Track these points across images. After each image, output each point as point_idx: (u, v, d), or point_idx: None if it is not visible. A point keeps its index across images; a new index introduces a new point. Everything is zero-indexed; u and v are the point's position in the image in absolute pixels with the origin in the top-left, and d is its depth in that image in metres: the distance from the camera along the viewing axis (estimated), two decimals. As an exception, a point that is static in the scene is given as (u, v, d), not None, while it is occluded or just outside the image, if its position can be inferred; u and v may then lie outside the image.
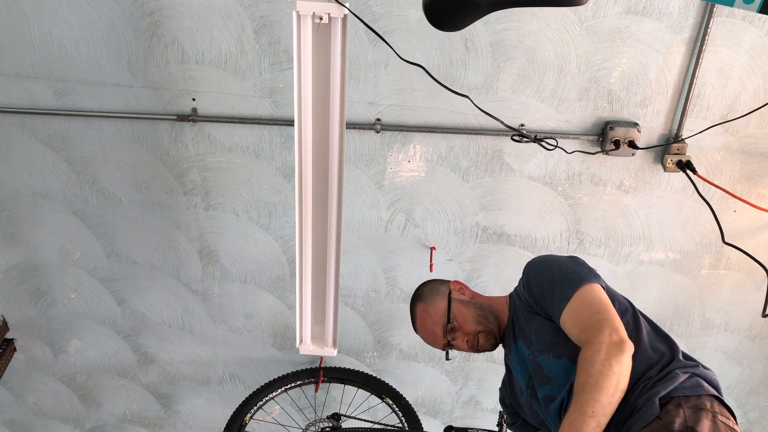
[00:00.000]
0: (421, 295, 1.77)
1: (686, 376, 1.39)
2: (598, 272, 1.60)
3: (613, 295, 1.56)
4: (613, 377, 1.32)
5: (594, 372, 1.33)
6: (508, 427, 1.88)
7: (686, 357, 1.47)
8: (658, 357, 1.44)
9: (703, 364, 1.46)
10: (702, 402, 1.33)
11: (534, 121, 2.31)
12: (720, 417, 1.30)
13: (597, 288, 1.49)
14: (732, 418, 1.34)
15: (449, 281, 1.80)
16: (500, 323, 1.69)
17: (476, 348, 1.68)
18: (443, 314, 1.68)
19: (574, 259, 1.61)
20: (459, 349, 1.70)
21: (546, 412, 1.55)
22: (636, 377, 1.38)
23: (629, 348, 1.35)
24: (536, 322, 1.57)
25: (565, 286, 1.49)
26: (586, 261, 1.63)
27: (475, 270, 2.64)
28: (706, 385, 1.38)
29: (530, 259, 1.69)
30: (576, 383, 1.36)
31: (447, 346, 1.69)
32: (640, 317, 1.56)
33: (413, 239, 2.56)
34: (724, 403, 1.37)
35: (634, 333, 1.48)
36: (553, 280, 1.53)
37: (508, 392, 1.79)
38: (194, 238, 2.59)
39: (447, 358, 1.73)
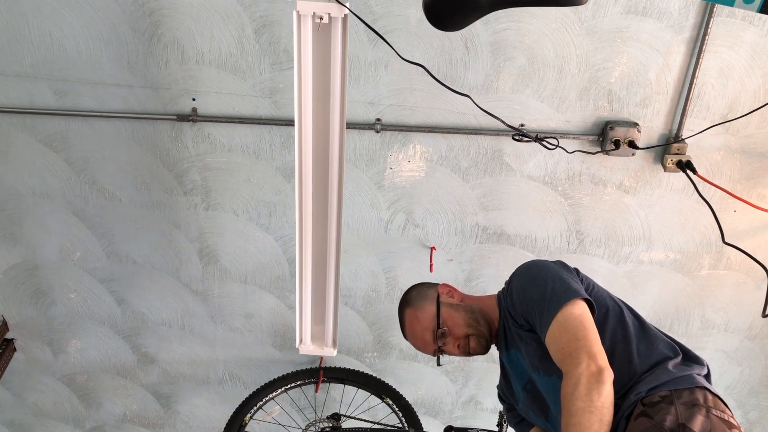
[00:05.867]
0: (409, 300, 1.72)
1: (676, 370, 1.37)
2: (587, 275, 1.58)
3: (597, 297, 1.52)
4: (595, 413, 1.26)
5: (576, 411, 1.28)
6: (507, 421, 1.85)
7: (689, 358, 1.44)
8: (648, 357, 1.43)
9: (700, 368, 1.42)
10: (695, 397, 1.30)
11: (534, 121, 2.31)
12: (714, 411, 1.28)
13: (579, 306, 1.43)
14: (727, 410, 1.32)
15: (437, 284, 1.75)
16: (491, 325, 1.65)
17: (468, 352, 1.63)
18: (432, 319, 1.63)
19: (559, 269, 1.55)
20: (450, 354, 1.65)
21: (547, 422, 1.54)
22: (624, 381, 1.37)
23: (608, 377, 1.31)
24: (525, 340, 1.54)
25: (550, 306, 1.44)
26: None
27: (475, 270, 2.64)
28: (697, 377, 1.36)
29: (518, 267, 1.63)
30: (562, 423, 1.32)
31: (438, 352, 1.64)
32: (627, 318, 1.52)
33: (413, 239, 2.56)
34: (717, 396, 1.35)
35: (622, 337, 1.46)
36: (538, 298, 1.48)
37: (504, 390, 1.77)
38: (194, 238, 2.59)
39: (438, 364, 1.68)
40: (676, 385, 1.34)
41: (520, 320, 1.54)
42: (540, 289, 1.49)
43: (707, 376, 1.42)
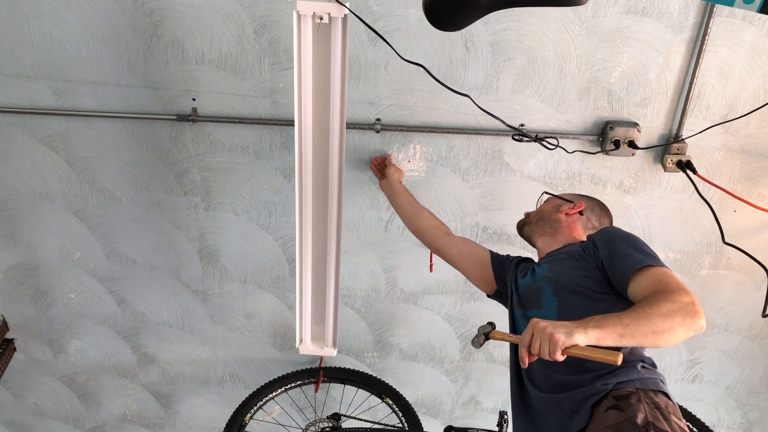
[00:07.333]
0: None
1: (644, 371, 1.42)
2: None
3: None
4: (666, 324, 1.26)
5: (657, 309, 1.28)
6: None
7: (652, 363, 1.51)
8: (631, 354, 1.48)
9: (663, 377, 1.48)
10: (658, 400, 1.35)
11: (534, 121, 2.31)
12: (673, 417, 1.32)
13: None
14: (683, 419, 1.37)
15: (579, 208, 1.87)
16: (545, 245, 1.85)
17: (525, 218, 1.99)
18: (559, 200, 1.93)
19: None
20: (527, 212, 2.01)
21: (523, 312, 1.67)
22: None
23: (700, 325, 1.29)
24: (569, 264, 1.61)
25: (654, 257, 1.46)
26: None
27: (475, 270, 2.64)
28: (660, 383, 1.42)
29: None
30: (633, 307, 1.32)
31: (525, 213, 2.02)
32: None
33: (413, 239, 2.55)
34: (675, 404, 1.41)
35: None
36: (640, 247, 1.50)
37: (509, 268, 1.93)
38: (194, 238, 2.59)
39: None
40: (643, 385, 1.38)
41: (589, 249, 1.59)
42: (641, 244, 1.52)
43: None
